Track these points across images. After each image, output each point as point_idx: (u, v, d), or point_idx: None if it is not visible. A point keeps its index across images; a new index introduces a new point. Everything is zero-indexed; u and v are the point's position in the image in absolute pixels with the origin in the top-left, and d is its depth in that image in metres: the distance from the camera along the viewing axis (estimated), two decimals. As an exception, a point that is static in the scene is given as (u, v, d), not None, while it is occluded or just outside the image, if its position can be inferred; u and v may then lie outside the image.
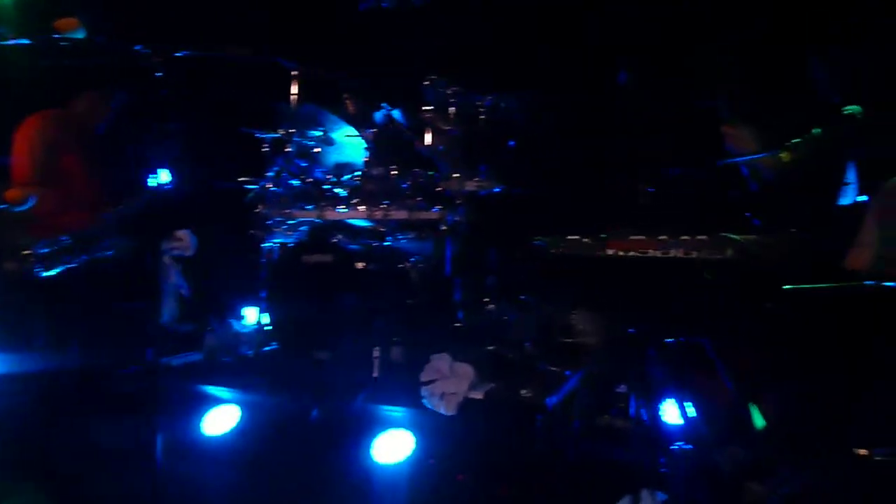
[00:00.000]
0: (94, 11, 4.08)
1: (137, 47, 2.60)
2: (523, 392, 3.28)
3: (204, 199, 4.45)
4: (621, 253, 1.80)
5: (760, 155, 2.75)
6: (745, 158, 2.84)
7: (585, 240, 1.90)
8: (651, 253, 1.71)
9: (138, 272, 4.00)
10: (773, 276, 1.41)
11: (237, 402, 3.58)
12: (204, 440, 3.47)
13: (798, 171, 2.43)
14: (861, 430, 1.72)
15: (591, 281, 1.89)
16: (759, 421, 2.12)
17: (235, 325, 4.20)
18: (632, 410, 3.29)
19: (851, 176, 3.13)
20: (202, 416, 3.51)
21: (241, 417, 3.52)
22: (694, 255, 1.56)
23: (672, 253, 1.64)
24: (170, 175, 2.99)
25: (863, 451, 2.08)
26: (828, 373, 1.57)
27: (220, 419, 3.54)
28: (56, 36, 3.73)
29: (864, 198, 2.95)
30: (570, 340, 3.97)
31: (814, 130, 2.40)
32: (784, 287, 1.40)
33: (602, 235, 1.86)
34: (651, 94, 3.78)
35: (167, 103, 2.77)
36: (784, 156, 2.37)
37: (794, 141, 2.42)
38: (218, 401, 3.63)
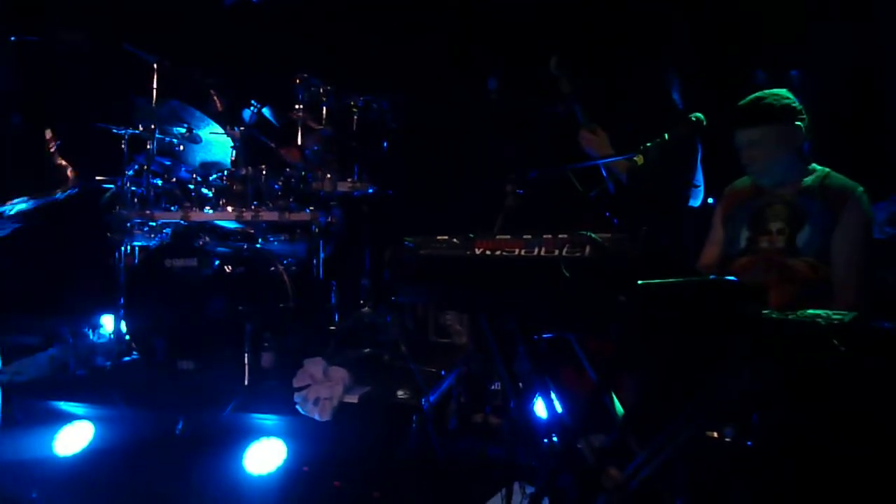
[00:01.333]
0: None
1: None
2: (399, 394, 3.27)
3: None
4: (488, 252, 1.83)
5: (617, 158, 2.91)
6: (603, 161, 3.00)
7: (454, 240, 1.92)
8: (517, 252, 1.76)
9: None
10: (628, 272, 1.49)
11: (91, 419, 3.32)
12: (55, 461, 3.19)
13: (649, 173, 2.59)
14: (709, 413, 1.85)
15: (460, 281, 1.91)
16: (618, 409, 2.24)
17: (91, 335, 3.91)
18: (505, 407, 3.39)
19: (699, 179, 3.39)
20: (53, 434, 3.23)
21: (96, 434, 3.27)
22: (556, 252, 1.62)
23: (536, 251, 1.69)
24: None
25: (714, 434, 2.24)
26: (677, 360, 1.69)
27: (73, 437, 3.28)
28: None
29: (711, 200, 3.21)
30: (444, 340, 4.03)
31: (665, 135, 2.57)
32: (637, 282, 1.48)
33: (470, 235, 1.88)
34: (515, 99, 3.91)
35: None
36: (638, 159, 2.52)
37: (647, 145, 2.59)
38: (70, 417, 3.36)
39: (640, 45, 3.65)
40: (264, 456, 3.11)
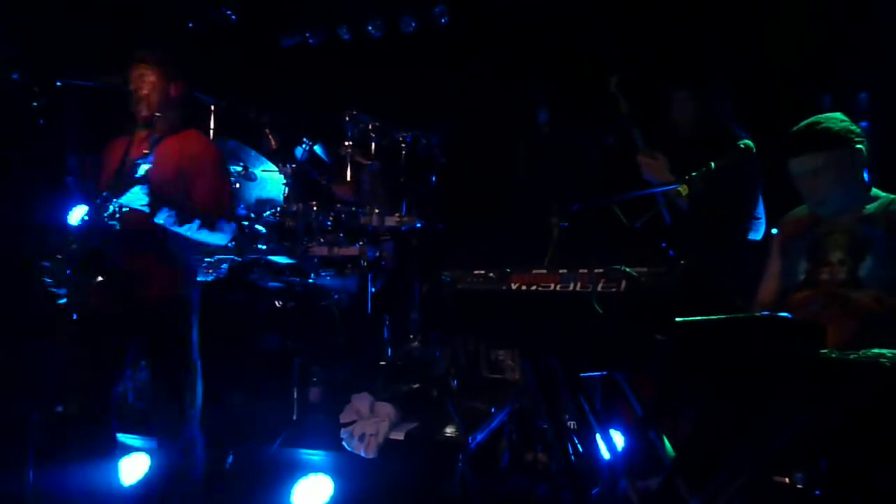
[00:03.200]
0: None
1: (14, 76, 2.48)
2: (447, 431, 3.22)
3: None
4: (524, 287, 1.78)
5: (665, 188, 2.82)
6: (647, 192, 2.91)
7: (490, 274, 1.88)
8: (552, 287, 1.70)
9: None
10: (665, 309, 1.41)
11: (146, 451, 3.39)
12: (119, 489, 3.26)
13: (697, 203, 2.49)
14: (764, 458, 1.73)
15: (496, 316, 1.87)
16: (669, 451, 2.12)
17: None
18: (560, 446, 3.27)
19: (760, 211, 3.25)
20: (117, 463, 3.32)
21: (151, 465, 3.34)
22: (590, 288, 1.56)
23: (571, 286, 1.64)
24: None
25: (785, 479, 2.10)
26: (725, 402, 1.59)
27: (132, 467, 3.36)
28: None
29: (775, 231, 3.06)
30: (497, 376, 3.95)
31: (711, 164, 2.47)
32: (676, 319, 1.40)
33: (507, 270, 1.84)
34: (565, 130, 3.86)
35: (52, 135, 2.66)
36: (682, 189, 2.43)
37: (692, 174, 2.49)
38: (128, 449, 3.44)
39: (698, 69, 3.56)
40: (311, 492, 3.10)
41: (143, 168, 2.69)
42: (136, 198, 2.70)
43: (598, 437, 2.16)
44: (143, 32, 4.53)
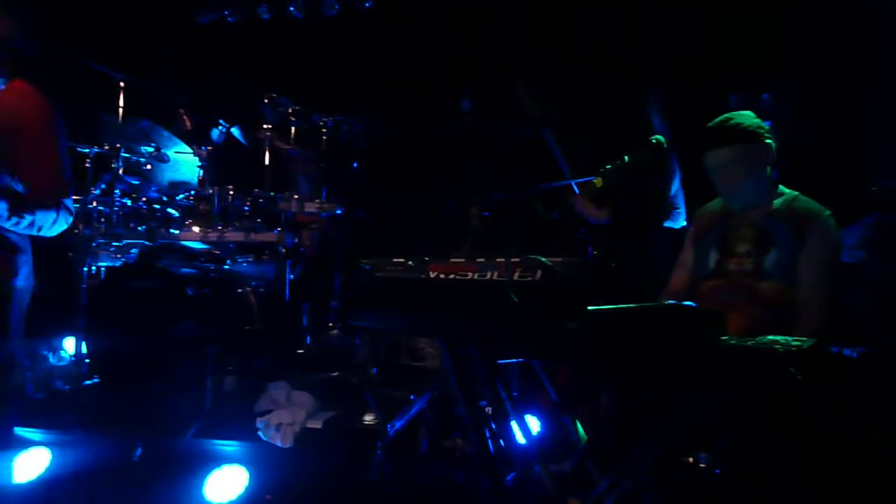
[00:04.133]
0: None
1: None
2: (365, 419, 3.20)
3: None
4: (443, 276, 1.79)
5: (578, 180, 2.90)
6: (560, 183, 2.98)
7: (409, 262, 1.87)
8: (470, 276, 1.71)
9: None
10: (578, 298, 1.45)
11: (48, 444, 3.22)
12: (10, 489, 3.08)
13: (610, 195, 2.58)
14: (668, 439, 1.81)
15: (415, 304, 1.87)
16: (581, 436, 2.19)
17: (51, 358, 3.80)
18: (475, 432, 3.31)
19: (679, 201, 3.38)
20: (8, 461, 3.12)
21: (52, 461, 3.17)
22: (507, 277, 1.58)
23: (489, 275, 1.65)
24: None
25: (688, 459, 2.19)
26: (631, 387, 1.65)
27: (29, 464, 3.17)
28: None
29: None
30: (417, 364, 3.96)
31: (625, 158, 2.55)
32: (587, 308, 1.43)
33: (425, 258, 1.84)
34: (486, 120, 3.90)
35: None
36: (597, 181, 2.50)
37: (606, 167, 2.57)
38: (26, 443, 3.25)
39: (615, 68, 3.66)
40: (226, 484, 3.01)
41: None
42: None
43: (514, 423, 2.20)
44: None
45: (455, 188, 3.63)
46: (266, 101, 3.84)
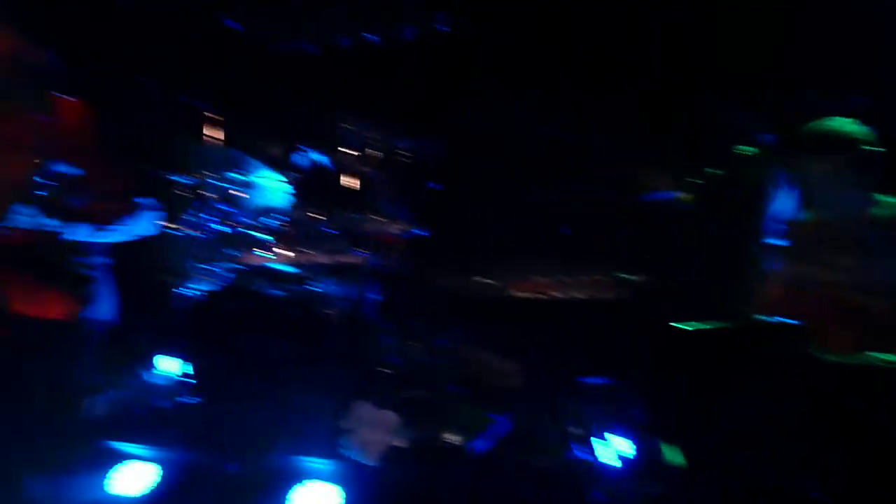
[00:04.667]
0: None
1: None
2: (448, 437, 3.22)
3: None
4: (525, 294, 1.79)
5: (664, 195, 2.82)
6: (649, 197, 2.91)
7: (491, 281, 1.89)
8: (553, 293, 1.71)
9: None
10: (666, 315, 1.42)
11: (149, 459, 3.38)
12: (117, 501, 3.25)
13: (703, 209, 2.49)
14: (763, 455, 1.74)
15: (498, 321, 1.88)
16: (670, 456, 2.13)
17: (150, 376, 4.01)
18: (562, 452, 3.27)
19: (779, 212, 3.24)
20: (111, 474, 3.31)
21: (153, 475, 3.33)
22: (591, 295, 1.56)
23: (571, 293, 1.64)
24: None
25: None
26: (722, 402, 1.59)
27: (131, 478, 3.34)
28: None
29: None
30: (494, 382, 3.95)
31: (717, 170, 2.48)
32: (673, 325, 1.40)
33: (507, 277, 1.85)
34: (566, 138, 3.87)
35: None
36: (685, 196, 2.43)
37: (697, 180, 2.49)
38: (129, 457, 3.42)
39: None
40: (312, 499, 3.09)
41: None
42: None
43: (598, 442, 2.17)
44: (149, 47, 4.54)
45: (535, 206, 3.62)
46: (346, 125, 3.96)
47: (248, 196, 4.31)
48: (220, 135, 4.18)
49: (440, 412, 3.57)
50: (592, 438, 2.11)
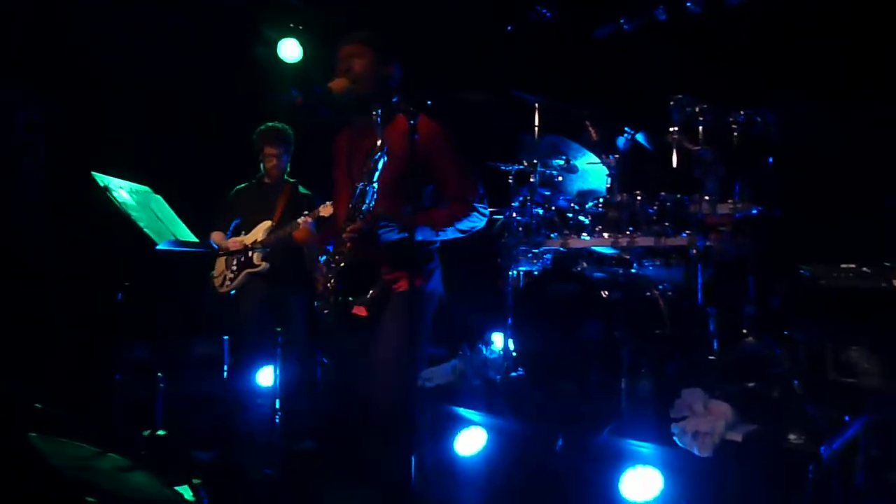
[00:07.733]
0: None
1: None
2: (791, 437, 2.94)
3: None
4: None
5: None
6: None
7: (864, 269, 1.67)
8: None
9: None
10: None
11: (484, 426, 3.70)
12: (456, 459, 3.63)
13: None
14: None
15: (872, 316, 1.65)
16: None
17: (484, 350, 4.37)
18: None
19: None
20: (454, 436, 3.69)
21: (488, 440, 3.63)
22: None
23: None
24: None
25: None
26: None
27: (470, 440, 3.69)
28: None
29: None
30: (848, 380, 3.48)
31: None
32: None
33: (886, 264, 1.62)
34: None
35: None
36: None
37: None
38: (468, 422, 3.78)
39: None
40: (640, 484, 3.07)
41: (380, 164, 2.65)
42: (388, 233, 2.70)
43: None
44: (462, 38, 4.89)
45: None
46: (672, 102, 3.80)
47: (570, 180, 4.42)
48: (541, 122, 4.34)
49: (778, 408, 3.28)
50: None
